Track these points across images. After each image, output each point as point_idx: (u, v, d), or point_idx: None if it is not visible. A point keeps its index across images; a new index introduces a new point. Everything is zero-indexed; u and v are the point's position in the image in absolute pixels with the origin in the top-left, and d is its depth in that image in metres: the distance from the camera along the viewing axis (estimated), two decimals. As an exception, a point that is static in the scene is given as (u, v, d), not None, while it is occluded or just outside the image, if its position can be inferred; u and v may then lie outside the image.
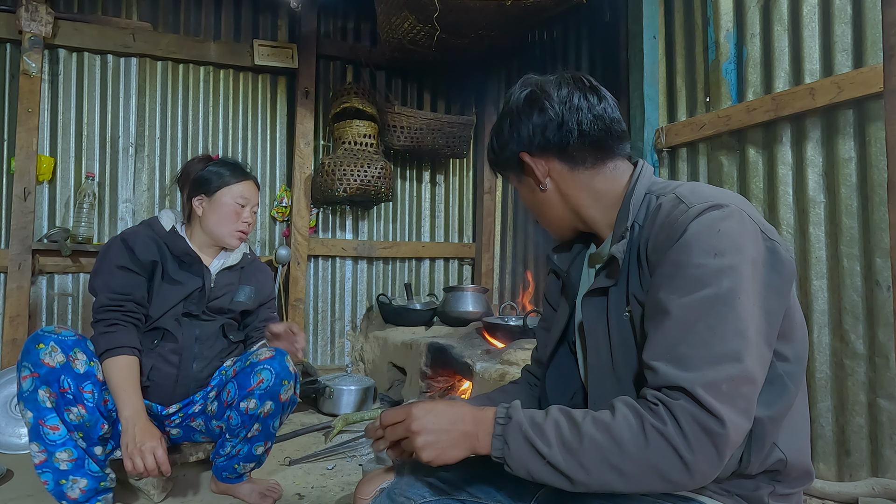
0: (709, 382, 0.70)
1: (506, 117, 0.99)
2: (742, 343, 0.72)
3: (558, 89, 0.95)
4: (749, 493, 0.85)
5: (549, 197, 0.98)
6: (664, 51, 2.39)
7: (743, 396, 0.71)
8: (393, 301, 3.39)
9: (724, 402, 0.69)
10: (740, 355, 0.71)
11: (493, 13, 2.56)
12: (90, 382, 1.56)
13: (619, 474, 0.72)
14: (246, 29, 3.37)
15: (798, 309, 0.86)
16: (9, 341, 2.75)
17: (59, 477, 1.52)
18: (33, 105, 2.82)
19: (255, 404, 1.67)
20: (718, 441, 0.69)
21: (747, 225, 0.79)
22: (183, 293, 1.76)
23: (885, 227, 1.66)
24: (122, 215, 3.09)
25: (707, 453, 0.69)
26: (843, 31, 1.78)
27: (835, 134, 1.79)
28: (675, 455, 0.70)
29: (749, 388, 0.72)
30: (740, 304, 0.73)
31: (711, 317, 0.73)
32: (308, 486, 1.94)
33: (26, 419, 1.51)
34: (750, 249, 0.77)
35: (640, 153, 2.36)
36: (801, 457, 0.86)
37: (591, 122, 0.93)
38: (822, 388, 1.80)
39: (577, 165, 0.95)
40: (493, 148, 1.02)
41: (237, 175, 1.83)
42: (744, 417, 0.71)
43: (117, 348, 1.59)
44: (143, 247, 1.73)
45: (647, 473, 0.71)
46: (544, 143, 0.94)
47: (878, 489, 1.62)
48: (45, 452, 1.51)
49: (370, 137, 3.24)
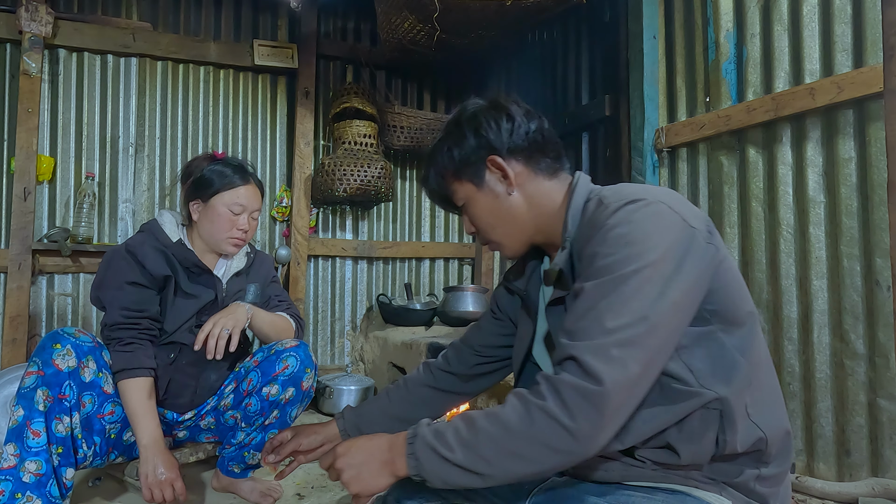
0: (597, 347, 0.74)
1: (462, 127, 1.00)
2: (639, 316, 0.75)
3: (513, 106, 1.00)
4: (734, 480, 0.86)
5: (515, 203, 0.99)
6: (664, 51, 2.39)
7: (635, 360, 0.74)
8: (393, 301, 3.39)
9: (608, 363, 0.73)
10: (635, 325, 0.75)
11: (493, 13, 2.56)
12: (92, 393, 1.53)
13: (517, 458, 0.76)
14: (246, 29, 3.37)
15: (740, 288, 0.88)
16: (9, 341, 2.75)
17: (17, 489, 1.41)
18: (33, 105, 2.82)
19: (277, 390, 1.68)
20: (597, 400, 0.72)
21: (664, 215, 0.82)
22: (197, 306, 1.72)
23: (885, 227, 1.66)
24: (122, 215, 3.09)
25: (588, 415, 0.72)
26: (843, 31, 1.78)
27: (835, 134, 1.79)
28: (556, 425, 0.73)
29: (640, 352, 0.74)
30: (644, 286, 0.76)
31: (613, 295, 0.77)
32: (308, 486, 1.94)
33: (14, 416, 1.44)
34: (663, 237, 0.80)
35: (640, 153, 2.36)
36: (779, 431, 0.88)
37: (547, 131, 1.00)
38: (822, 388, 1.80)
39: (540, 172, 0.99)
40: (450, 159, 1.01)
41: (234, 180, 1.73)
42: (629, 377, 0.73)
43: (134, 369, 1.55)
44: (154, 261, 1.66)
45: (539, 450, 0.75)
46: (513, 146, 0.97)
47: (878, 489, 1.62)
48: (17, 458, 1.42)
49: (370, 137, 3.24)
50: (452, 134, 1.02)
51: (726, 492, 0.85)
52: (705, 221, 0.86)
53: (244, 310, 1.67)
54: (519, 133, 0.98)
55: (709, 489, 0.85)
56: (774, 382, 0.92)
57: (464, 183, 1.01)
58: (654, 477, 0.86)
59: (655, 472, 0.86)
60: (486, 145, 0.98)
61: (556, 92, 3.22)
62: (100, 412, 1.56)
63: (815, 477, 1.79)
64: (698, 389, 0.81)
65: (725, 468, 0.85)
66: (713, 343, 0.83)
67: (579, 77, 3.04)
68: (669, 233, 0.81)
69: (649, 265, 0.77)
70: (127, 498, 1.82)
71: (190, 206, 1.75)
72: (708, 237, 0.84)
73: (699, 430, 0.82)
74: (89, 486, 1.87)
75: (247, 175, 1.77)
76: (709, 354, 0.83)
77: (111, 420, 1.59)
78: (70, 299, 2.97)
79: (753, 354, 0.86)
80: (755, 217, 2.01)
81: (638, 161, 2.37)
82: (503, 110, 0.99)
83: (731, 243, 2.09)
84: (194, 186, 1.74)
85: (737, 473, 0.85)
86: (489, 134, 0.98)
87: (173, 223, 1.76)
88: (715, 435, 0.82)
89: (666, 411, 0.82)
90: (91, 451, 1.54)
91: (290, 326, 1.86)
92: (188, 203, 1.75)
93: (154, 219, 1.78)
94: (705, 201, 2.20)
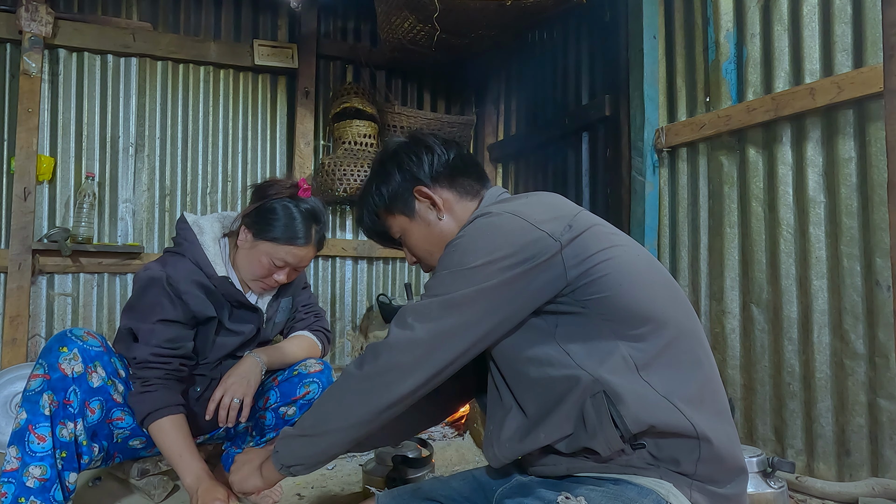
0: (399, 317, 0.96)
1: (386, 165, 1.11)
2: (440, 296, 0.93)
3: (430, 138, 1.12)
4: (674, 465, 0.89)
5: (446, 227, 1.08)
6: (664, 51, 2.39)
7: (423, 328, 0.92)
8: (393, 301, 3.38)
9: (402, 328, 0.94)
10: (433, 303, 0.93)
11: (493, 13, 2.56)
12: (100, 399, 1.50)
13: (342, 404, 0.96)
14: (246, 29, 3.37)
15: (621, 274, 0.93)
16: (9, 341, 2.75)
17: (20, 493, 1.39)
18: (33, 105, 2.82)
19: (294, 412, 1.67)
20: (380, 349, 0.95)
21: (505, 223, 0.94)
22: (239, 341, 1.65)
23: (885, 227, 1.66)
24: (122, 215, 3.08)
25: (372, 360, 0.95)
26: (843, 31, 1.78)
27: (835, 134, 1.79)
28: (357, 371, 0.97)
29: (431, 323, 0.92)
30: (454, 278, 0.92)
31: (431, 285, 0.95)
32: (308, 486, 1.94)
33: (18, 419, 1.42)
34: (497, 242, 0.92)
35: (640, 153, 2.36)
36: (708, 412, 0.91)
37: (466, 157, 1.12)
38: (822, 388, 1.80)
39: (464, 195, 1.10)
40: (380, 196, 1.12)
41: (296, 238, 1.57)
42: (412, 337, 0.92)
43: (161, 409, 1.46)
44: (197, 300, 1.55)
45: (360, 391, 0.95)
46: (435, 174, 1.08)
47: (878, 489, 1.62)
48: (20, 461, 1.40)
49: (370, 137, 3.24)
50: (378, 174, 1.12)
51: (668, 475, 0.89)
52: (565, 222, 0.94)
53: (257, 369, 1.59)
54: (440, 161, 1.08)
55: (649, 474, 0.90)
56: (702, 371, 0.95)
57: (397, 217, 1.12)
58: (596, 468, 0.93)
59: (598, 464, 0.91)
60: (411, 178, 1.08)
61: (556, 92, 3.22)
62: (108, 417, 1.54)
63: (815, 477, 1.79)
64: (575, 371, 0.88)
65: (662, 454, 0.89)
66: (590, 331, 0.91)
67: (579, 77, 3.04)
68: (512, 240, 0.91)
69: (469, 266, 0.91)
70: (127, 498, 1.82)
71: (241, 229, 1.62)
72: (558, 236, 0.92)
73: (595, 418, 0.87)
74: (90, 486, 1.87)
75: (311, 234, 1.60)
76: (584, 342, 0.91)
77: (120, 426, 1.57)
78: (70, 299, 2.97)
79: (655, 337, 0.91)
80: (755, 217, 2.01)
81: (638, 161, 2.37)
82: (421, 144, 1.10)
83: (731, 243, 2.09)
84: (256, 215, 1.59)
85: (674, 457, 0.89)
86: (412, 167, 1.08)
87: (216, 246, 1.62)
88: (609, 416, 0.87)
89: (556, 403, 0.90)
90: (96, 455, 1.53)
91: (313, 346, 1.80)
92: (243, 221, 1.63)
93: (190, 229, 1.61)
94: (705, 201, 2.20)
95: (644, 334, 0.90)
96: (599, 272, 0.91)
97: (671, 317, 0.93)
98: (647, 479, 0.89)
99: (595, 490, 0.89)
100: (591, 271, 0.91)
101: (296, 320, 1.84)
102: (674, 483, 0.89)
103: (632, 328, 0.90)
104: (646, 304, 0.92)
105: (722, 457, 0.90)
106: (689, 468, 0.89)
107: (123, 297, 3.06)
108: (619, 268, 0.92)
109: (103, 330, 3.01)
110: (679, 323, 0.94)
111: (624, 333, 0.90)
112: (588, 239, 0.93)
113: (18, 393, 2.41)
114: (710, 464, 0.89)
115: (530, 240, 0.91)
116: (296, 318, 1.84)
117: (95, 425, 1.51)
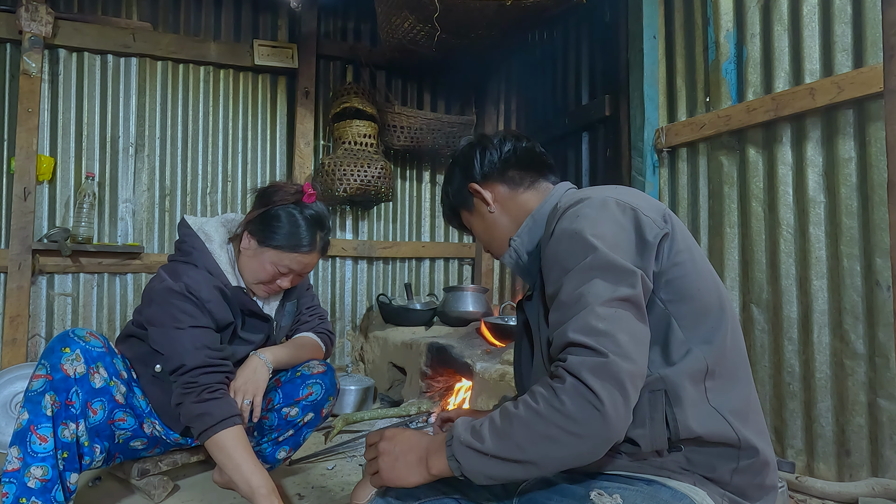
0: (580, 327, 0.79)
1: (454, 167, 1.23)
2: (605, 293, 0.81)
3: (493, 137, 1.20)
4: (710, 473, 0.88)
5: (497, 218, 1.16)
6: (664, 51, 2.39)
7: (621, 330, 0.79)
8: (393, 301, 3.39)
9: (597, 337, 0.78)
10: (599, 301, 0.81)
11: (493, 13, 2.56)
12: (102, 400, 1.50)
13: (550, 441, 0.77)
14: (246, 29, 3.37)
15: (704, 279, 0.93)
16: (9, 341, 2.75)
17: (21, 494, 1.39)
18: (33, 105, 2.83)
19: (296, 412, 1.68)
20: (611, 369, 0.75)
21: (609, 206, 0.92)
22: (250, 349, 1.67)
23: (885, 227, 1.66)
24: (121, 215, 3.09)
25: (605, 382, 0.75)
26: (843, 31, 1.78)
27: (835, 134, 1.79)
28: (583, 399, 0.75)
29: (614, 324, 0.79)
30: (600, 271, 0.84)
31: (582, 285, 0.84)
32: (308, 487, 1.94)
33: (20, 419, 1.42)
34: (607, 224, 0.89)
35: (640, 153, 2.36)
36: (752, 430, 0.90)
37: (523, 150, 1.17)
38: (822, 388, 1.80)
39: (517, 187, 1.16)
40: (448, 193, 1.24)
41: (301, 245, 1.56)
42: (622, 348, 0.77)
43: (233, 416, 1.44)
44: (218, 307, 1.55)
45: (568, 427, 0.76)
46: (486, 172, 1.17)
47: (878, 489, 1.62)
48: (21, 461, 1.39)
49: (370, 137, 3.24)
50: (446, 174, 1.27)
51: (701, 483, 0.88)
52: (661, 211, 0.95)
53: (264, 370, 1.61)
54: (491, 159, 1.16)
55: (683, 479, 0.88)
56: (748, 387, 0.95)
57: (461, 212, 1.24)
58: (629, 467, 0.90)
59: (631, 463, 0.90)
60: (466, 176, 1.19)
61: (557, 92, 3.22)
62: (110, 418, 1.54)
63: (815, 477, 1.79)
64: None
65: (699, 459, 0.88)
66: (662, 329, 0.89)
67: (579, 77, 3.04)
68: (614, 219, 0.90)
69: (601, 252, 0.85)
70: (127, 498, 1.82)
71: (245, 234, 1.61)
72: (663, 225, 0.92)
73: (648, 413, 0.86)
74: (90, 486, 1.87)
75: (316, 241, 1.59)
76: (656, 338, 0.88)
77: (122, 426, 1.57)
78: (70, 299, 2.97)
79: (718, 347, 0.90)
80: (755, 217, 2.01)
81: (638, 161, 2.37)
82: (478, 145, 1.19)
83: (731, 243, 2.09)
84: (260, 222, 1.58)
85: (710, 464, 0.88)
86: (468, 168, 1.19)
87: (224, 253, 1.61)
88: (663, 415, 0.85)
89: None
90: (98, 456, 1.53)
91: (317, 348, 1.81)
92: (247, 226, 1.61)
93: (197, 236, 1.61)
94: (705, 201, 2.20)
95: (712, 340, 0.90)
96: (680, 272, 0.91)
97: (729, 330, 0.93)
98: (680, 484, 0.88)
99: (629, 489, 0.87)
100: (673, 269, 0.91)
101: (300, 322, 1.85)
102: (707, 492, 0.88)
103: (702, 334, 0.90)
104: (715, 314, 0.92)
105: (758, 471, 0.90)
106: (724, 476, 0.89)
107: (123, 298, 3.07)
108: (696, 271, 0.93)
109: (103, 330, 3.01)
110: (733, 336, 0.94)
111: (695, 338, 0.89)
112: (678, 234, 0.94)
113: (18, 393, 2.41)
114: (746, 475, 0.89)
115: (648, 224, 0.91)
116: (300, 321, 1.85)
117: (97, 426, 1.51)
